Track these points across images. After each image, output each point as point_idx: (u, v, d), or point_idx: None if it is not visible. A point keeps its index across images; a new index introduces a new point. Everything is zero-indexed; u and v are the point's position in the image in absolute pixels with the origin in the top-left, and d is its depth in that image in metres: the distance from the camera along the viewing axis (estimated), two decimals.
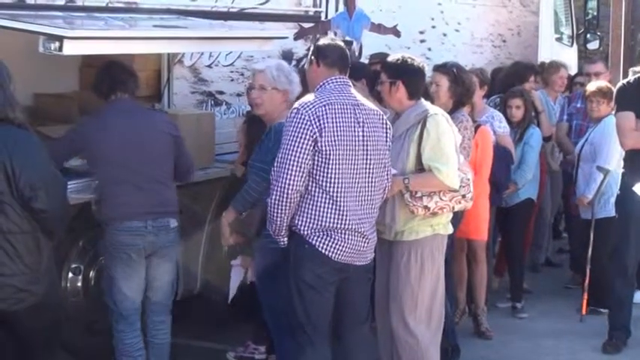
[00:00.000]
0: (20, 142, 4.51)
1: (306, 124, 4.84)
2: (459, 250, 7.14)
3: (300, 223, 4.91)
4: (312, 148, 4.83)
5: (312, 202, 4.89)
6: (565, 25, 13.27)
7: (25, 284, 4.49)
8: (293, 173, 4.82)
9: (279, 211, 4.87)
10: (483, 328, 7.25)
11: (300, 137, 4.83)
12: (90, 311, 5.92)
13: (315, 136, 4.82)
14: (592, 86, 7.96)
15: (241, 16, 7.09)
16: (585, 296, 7.68)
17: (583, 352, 6.88)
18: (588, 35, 13.81)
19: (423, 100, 5.60)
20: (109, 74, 5.64)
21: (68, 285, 6.04)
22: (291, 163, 4.82)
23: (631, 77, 7.08)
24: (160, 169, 5.62)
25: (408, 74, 5.53)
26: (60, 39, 4.86)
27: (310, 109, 4.86)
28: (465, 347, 6.63)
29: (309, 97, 4.97)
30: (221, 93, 7.17)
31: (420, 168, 5.38)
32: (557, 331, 7.39)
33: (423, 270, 5.52)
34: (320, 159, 4.84)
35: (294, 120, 4.86)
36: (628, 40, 19.92)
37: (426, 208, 5.37)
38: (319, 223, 4.92)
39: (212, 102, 7.11)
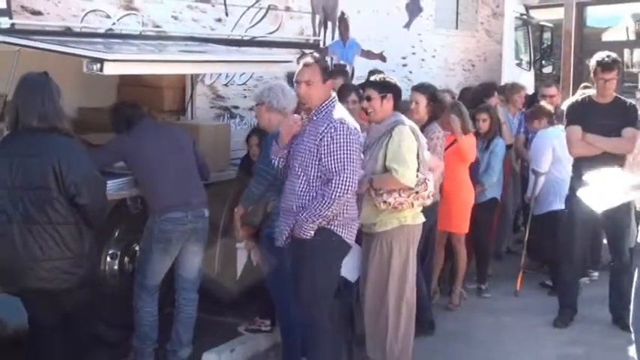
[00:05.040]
0: (67, 148, 4.52)
1: (357, 135, 4.89)
2: (439, 241, 7.16)
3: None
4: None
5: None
6: (524, 53, 13.28)
7: (70, 267, 4.49)
8: (354, 175, 4.84)
9: (336, 205, 4.81)
10: (454, 302, 7.30)
11: (357, 146, 4.87)
12: (124, 289, 5.90)
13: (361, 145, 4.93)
14: (529, 110, 8.06)
15: (253, 43, 7.10)
16: (520, 275, 7.79)
17: (537, 327, 6.87)
18: (543, 61, 13.86)
19: (399, 113, 5.64)
20: (120, 114, 5.67)
21: (107, 268, 6.02)
22: (354, 166, 4.82)
23: (578, 97, 7.10)
24: (190, 167, 5.64)
25: (394, 89, 5.60)
26: (101, 61, 4.87)
27: (353, 123, 4.91)
28: (437, 322, 6.63)
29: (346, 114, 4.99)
30: (236, 107, 7.18)
31: (386, 170, 5.40)
32: (516, 308, 7.38)
33: (392, 256, 5.56)
34: None
35: (349, 131, 4.84)
36: (577, 65, 19.93)
37: (386, 203, 5.40)
38: (344, 215, 4.91)
39: (228, 115, 7.12)
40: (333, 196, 4.77)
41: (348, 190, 4.82)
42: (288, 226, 4.91)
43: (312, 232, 4.79)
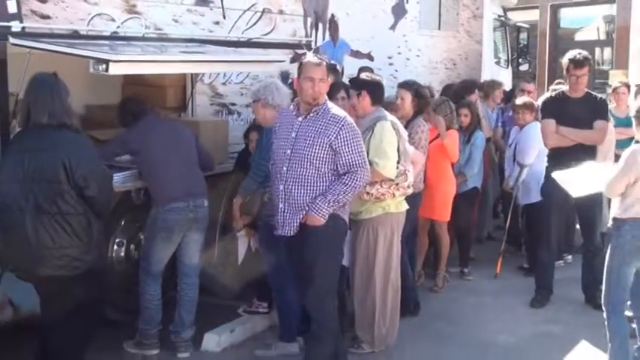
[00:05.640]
0: (75, 143, 4.52)
1: None
2: (422, 228, 7.18)
3: None
4: None
5: None
6: (502, 52, 13.29)
7: (79, 254, 4.49)
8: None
9: (353, 193, 4.88)
10: (438, 285, 7.31)
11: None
12: (130, 275, 5.90)
13: None
14: (519, 101, 7.97)
15: (249, 44, 7.08)
16: (500, 259, 7.79)
17: (515, 306, 6.89)
18: (520, 60, 13.88)
19: (382, 108, 5.64)
20: (126, 109, 5.67)
21: (114, 255, 6.01)
22: (366, 160, 4.89)
23: (552, 92, 7.10)
24: (191, 160, 5.63)
25: (369, 86, 5.61)
26: (106, 62, 4.86)
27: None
28: (422, 303, 6.64)
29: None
30: (233, 104, 7.16)
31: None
32: (496, 290, 7.40)
33: (377, 242, 5.59)
34: None
35: (356, 127, 4.88)
36: (551, 63, 19.98)
37: (369, 194, 5.44)
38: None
39: (226, 112, 7.10)
40: (355, 186, 4.82)
41: (367, 180, 4.95)
42: (297, 216, 4.81)
43: (327, 216, 4.76)
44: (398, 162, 5.51)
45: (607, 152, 7.01)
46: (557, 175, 5.86)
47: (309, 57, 5.00)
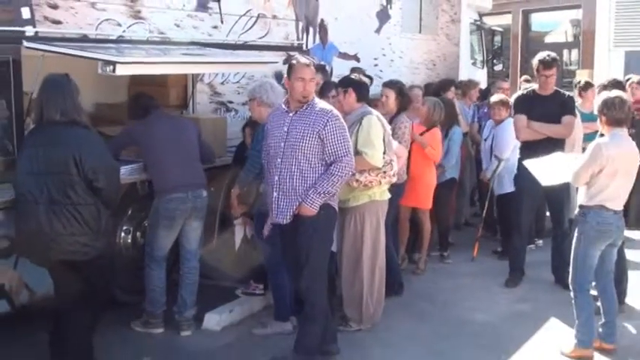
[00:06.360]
0: (85, 138, 4.51)
1: None
2: (404, 215, 7.18)
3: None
4: None
5: None
6: (478, 53, 13.29)
7: (89, 241, 4.48)
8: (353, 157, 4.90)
9: (341, 182, 4.87)
10: (420, 267, 7.32)
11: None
12: (136, 260, 5.89)
13: None
14: (495, 98, 7.97)
15: (245, 47, 7.05)
16: (477, 244, 7.81)
17: (491, 287, 6.91)
18: (495, 60, 13.89)
19: (367, 105, 5.64)
20: (138, 103, 5.64)
21: (121, 242, 6.00)
22: (351, 149, 4.89)
23: (524, 90, 7.11)
24: (192, 154, 5.61)
25: (354, 84, 5.63)
26: (114, 63, 4.85)
27: None
28: (406, 284, 6.65)
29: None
30: (231, 102, 7.14)
31: (357, 153, 5.39)
32: (473, 272, 7.41)
33: (364, 228, 5.58)
34: None
35: (342, 120, 4.88)
36: (523, 64, 20.01)
37: (358, 181, 5.43)
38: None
39: (224, 109, 7.08)
40: (342, 175, 4.80)
41: (352, 168, 4.89)
42: (291, 205, 4.78)
43: (319, 206, 4.75)
44: (384, 152, 5.51)
45: (574, 145, 7.03)
46: (529, 163, 5.87)
47: (299, 58, 4.99)
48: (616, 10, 18.53)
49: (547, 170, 5.65)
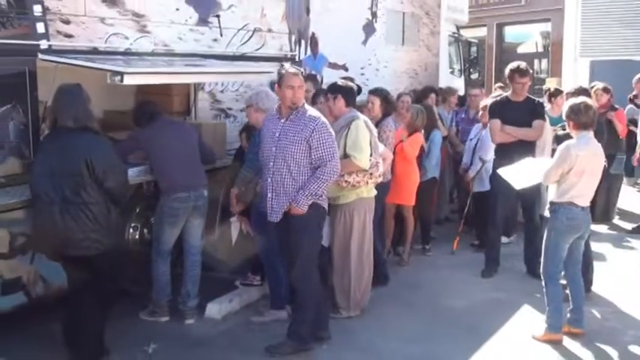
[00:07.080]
0: (96, 143, 4.52)
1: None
2: (389, 212, 7.19)
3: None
4: None
5: None
6: (456, 63, 13.30)
7: (100, 237, 4.48)
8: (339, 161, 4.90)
9: (328, 184, 4.86)
10: (404, 259, 7.31)
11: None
12: (143, 255, 5.88)
13: None
14: (483, 103, 7.97)
15: (242, 58, 7.05)
16: (457, 238, 7.81)
17: (469, 277, 6.92)
18: (471, 69, 13.89)
19: (355, 109, 5.64)
20: (143, 110, 5.62)
21: (130, 237, 5.98)
22: (337, 154, 4.89)
23: (498, 97, 7.12)
24: (194, 156, 5.60)
25: (343, 90, 5.62)
26: (121, 74, 4.84)
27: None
28: (390, 275, 6.66)
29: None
30: (230, 109, 7.14)
31: (346, 156, 5.41)
32: (453, 264, 7.42)
33: (352, 223, 5.59)
34: None
35: (329, 127, 4.87)
36: (497, 72, 20.05)
37: (347, 182, 5.44)
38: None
39: (224, 115, 7.08)
40: (327, 178, 4.80)
41: (337, 172, 4.88)
42: (283, 205, 4.82)
43: (307, 207, 4.77)
44: (371, 155, 5.52)
45: (544, 147, 7.05)
46: (502, 172, 5.89)
47: (288, 68, 5.00)
48: (582, 23, 18.61)
49: (519, 175, 5.67)
